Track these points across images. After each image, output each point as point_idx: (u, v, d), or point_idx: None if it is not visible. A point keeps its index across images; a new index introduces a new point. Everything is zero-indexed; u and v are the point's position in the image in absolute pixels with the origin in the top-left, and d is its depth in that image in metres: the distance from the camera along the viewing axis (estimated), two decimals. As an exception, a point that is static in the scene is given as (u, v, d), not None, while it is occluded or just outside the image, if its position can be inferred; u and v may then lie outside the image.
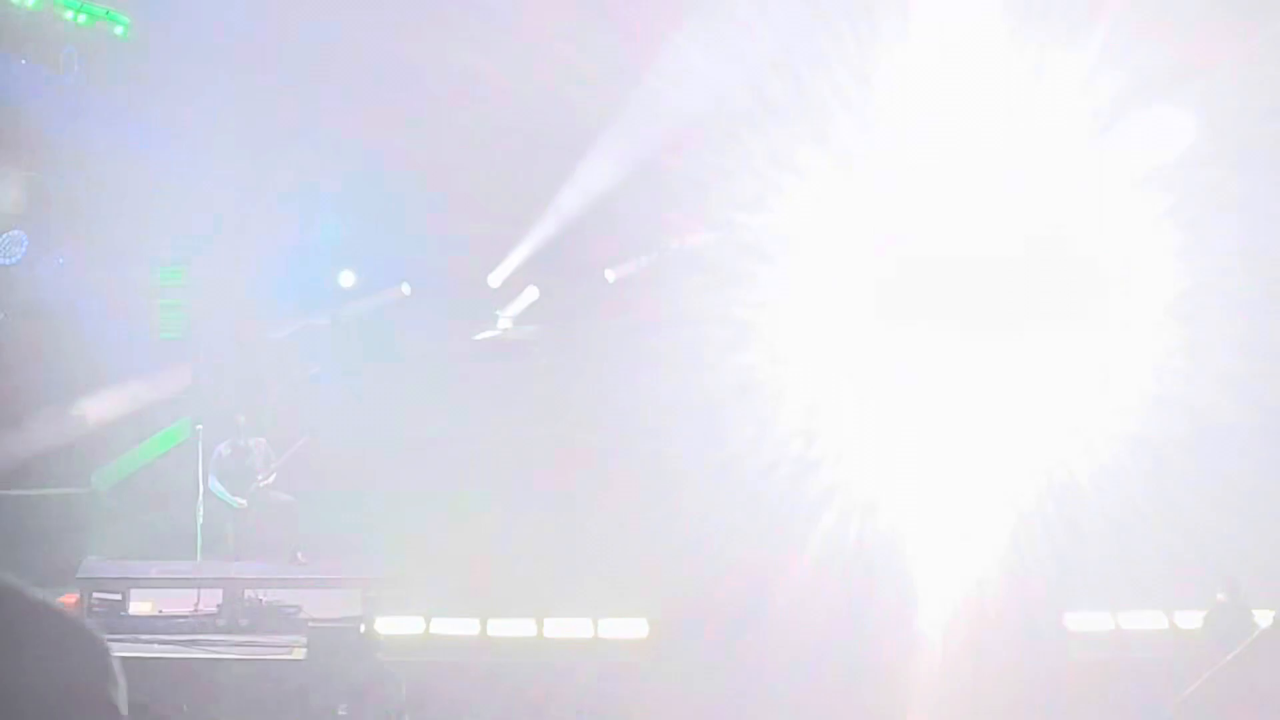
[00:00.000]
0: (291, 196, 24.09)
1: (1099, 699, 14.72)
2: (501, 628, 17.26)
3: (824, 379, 21.21)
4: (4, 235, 19.14)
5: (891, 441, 21.09)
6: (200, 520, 18.69)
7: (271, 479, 18.72)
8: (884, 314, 20.32)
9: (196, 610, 18.10)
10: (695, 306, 21.27)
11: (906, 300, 20.20)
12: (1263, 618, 16.22)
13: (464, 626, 17.28)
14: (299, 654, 17.09)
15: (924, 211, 19.84)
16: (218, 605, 18.07)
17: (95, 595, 17.96)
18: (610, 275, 23.78)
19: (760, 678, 15.24)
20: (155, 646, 17.37)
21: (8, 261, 19.39)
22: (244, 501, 18.63)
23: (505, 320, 23.59)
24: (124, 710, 1.61)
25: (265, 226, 23.81)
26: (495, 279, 23.79)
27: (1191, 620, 16.45)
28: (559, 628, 17.31)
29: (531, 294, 23.91)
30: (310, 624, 17.43)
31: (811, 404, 20.67)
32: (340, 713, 14.34)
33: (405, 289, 23.87)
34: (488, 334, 23.76)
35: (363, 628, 16.62)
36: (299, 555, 18.59)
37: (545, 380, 22.92)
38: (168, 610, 18.09)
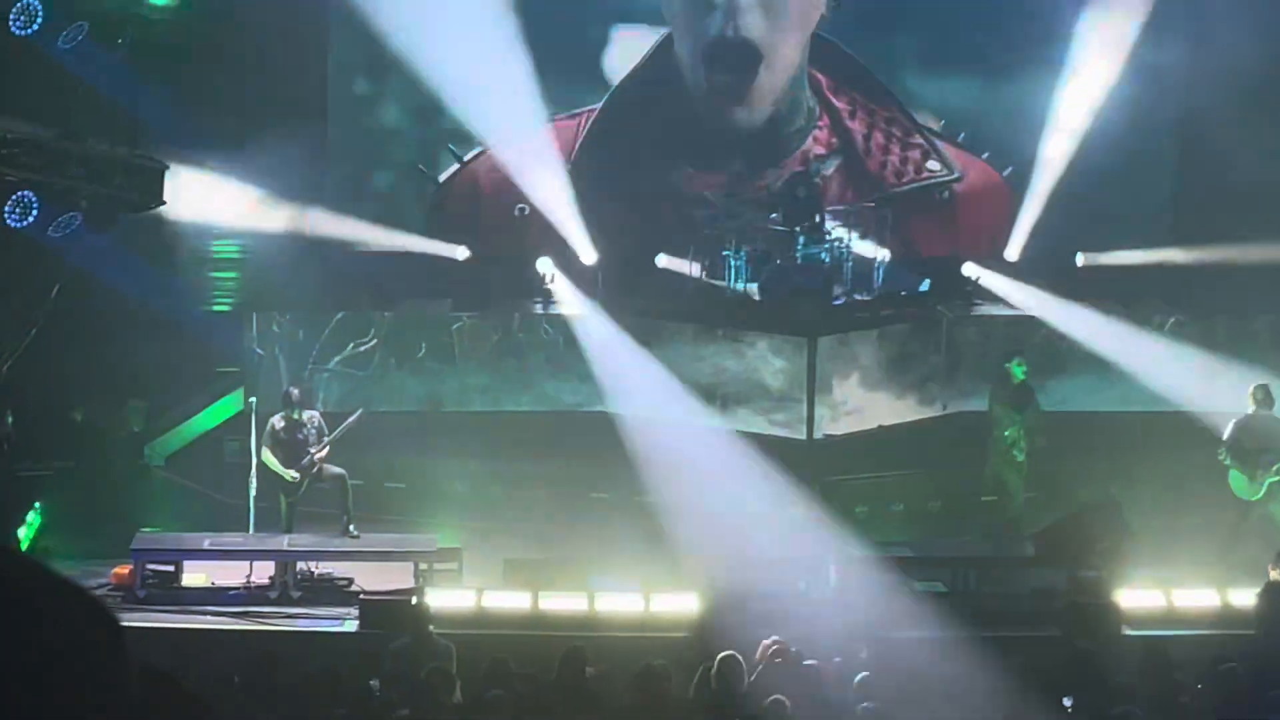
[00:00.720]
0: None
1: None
2: (553, 601, 17.27)
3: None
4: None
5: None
6: (253, 493, 18.75)
7: (324, 452, 18.75)
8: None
9: (249, 582, 18.16)
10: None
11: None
12: None
13: (515, 600, 17.29)
14: (350, 626, 17.15)
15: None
16: (270, 577, 18.14)
17: (148, 567, 18.05)
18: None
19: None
20: (208, 618, 17.45)
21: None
22: (296, 475, 18.67)
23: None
24: (133, 686, 1.58)
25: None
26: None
27: (1245, 598, 16.34)
28: (610, 602, 17.30)
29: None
30: (362, 597, 17.49)
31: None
32: (374, 684, 14.35)
33: (461, 253, 23.86)
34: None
35: (414, 600, 16.65)
36: (351, 528, 18.63)
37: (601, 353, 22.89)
38: (220, 582, 18.17)
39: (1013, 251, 24.17)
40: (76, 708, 1.49)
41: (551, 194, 23.80)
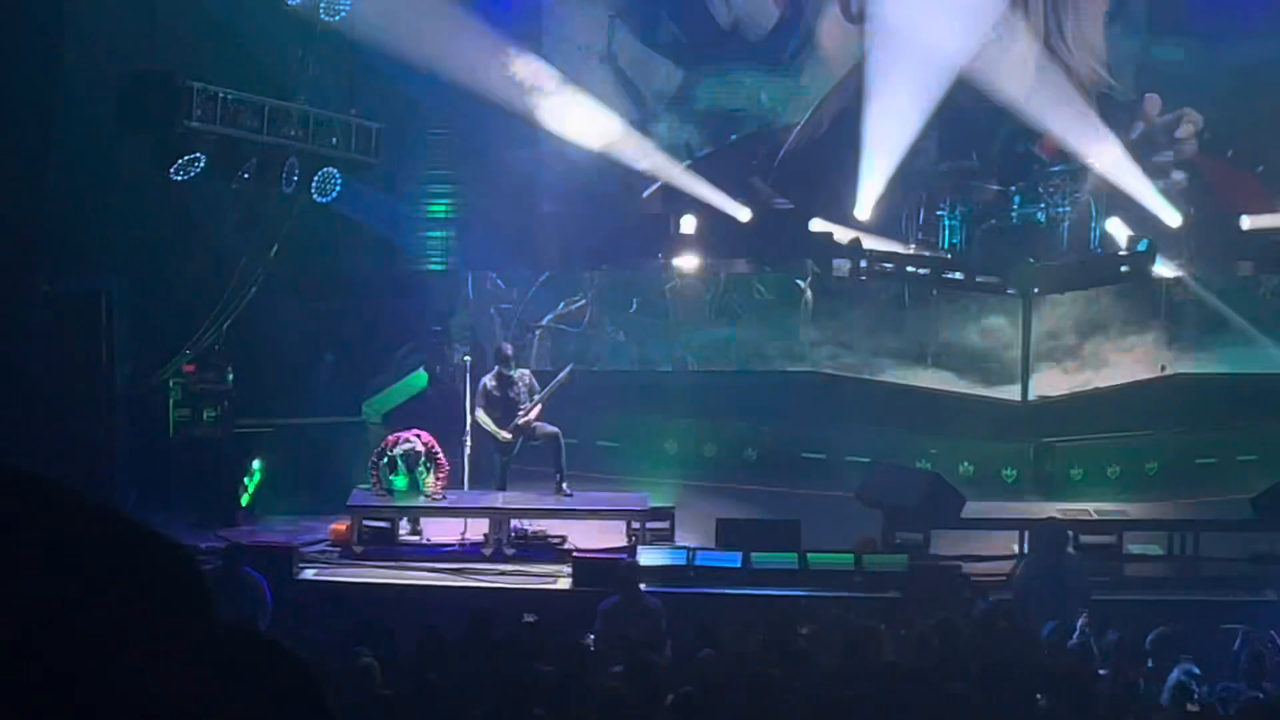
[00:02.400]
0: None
1: None
2: (765, 560, 17.23)
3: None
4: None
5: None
6: (467, 451, 18.90)
7: (535, 409, 18.83)
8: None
9: (463, 539, 18.33)
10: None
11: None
12: None
13: (727, 559, 17.28)
14: (563, 584, 17.25)
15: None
16: (484, 534, 18.29)
17: (365, 523, 18.28)
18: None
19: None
20: (423, 574, 17.64)
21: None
22: (509, 435, 18.78)
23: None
24: (220, 643, 1.55)
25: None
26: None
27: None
28: (822, 561, 17.22)
29: None
30: (575, 555, 17.58)
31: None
32: (588, 640, 14.44)
33: (687, 223, 23.91)
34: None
35: (626, 559, 16.71)
36: (564, 486, 18.72)
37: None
38: (435, 539, 18.36)
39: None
40: (157, 663, 1.47)
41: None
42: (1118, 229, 22.97)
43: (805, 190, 24.15)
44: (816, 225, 23.63)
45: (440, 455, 18.48)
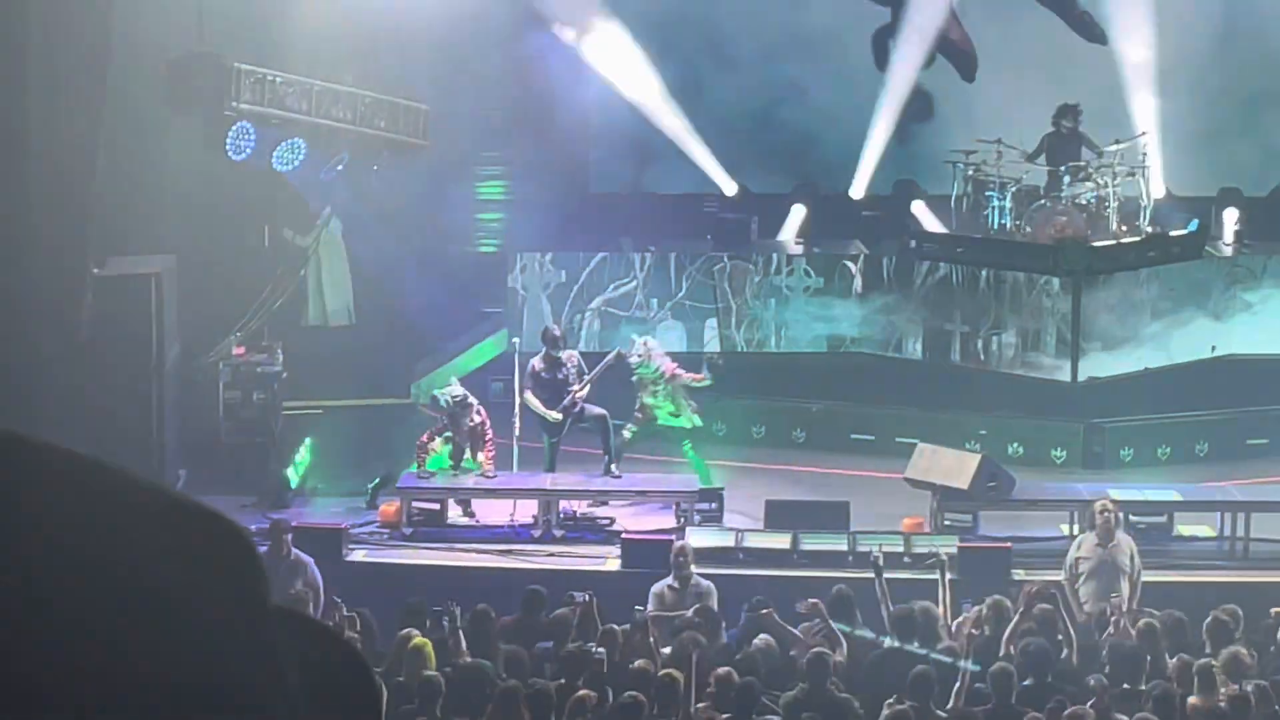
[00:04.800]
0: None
1: None
2: (813, 541, 17.21)
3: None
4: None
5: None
6: (516, 432, 18.92)
7: (584, 390, 18.81)
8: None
9: (512, 521, 18.35)
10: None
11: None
12: None
13: (776, 541, 17.27)
14: (612, 565, 17.26)
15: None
16: (533, 516, 18.30)
17: (414, 504, 18.32)
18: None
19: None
20: (472, 555, 17.67)
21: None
22: (559, 415, 18.77)
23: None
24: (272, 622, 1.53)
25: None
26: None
27: None
28: (872, 542, 17.18)
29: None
30: (623, 536, 17.59)
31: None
32: (638, 610, 14.48)
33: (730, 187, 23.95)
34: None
35: (675, 540, 16.72)
36: (613, 468, 18.72)
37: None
38: (484, 520, 18.38)
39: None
40: (210, 646, 1.47)
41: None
42: (1168, 208, 22.84)
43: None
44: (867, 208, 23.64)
45: (489, 432, 18.49)
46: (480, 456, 18.42)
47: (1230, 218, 23.16)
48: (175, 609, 1.42)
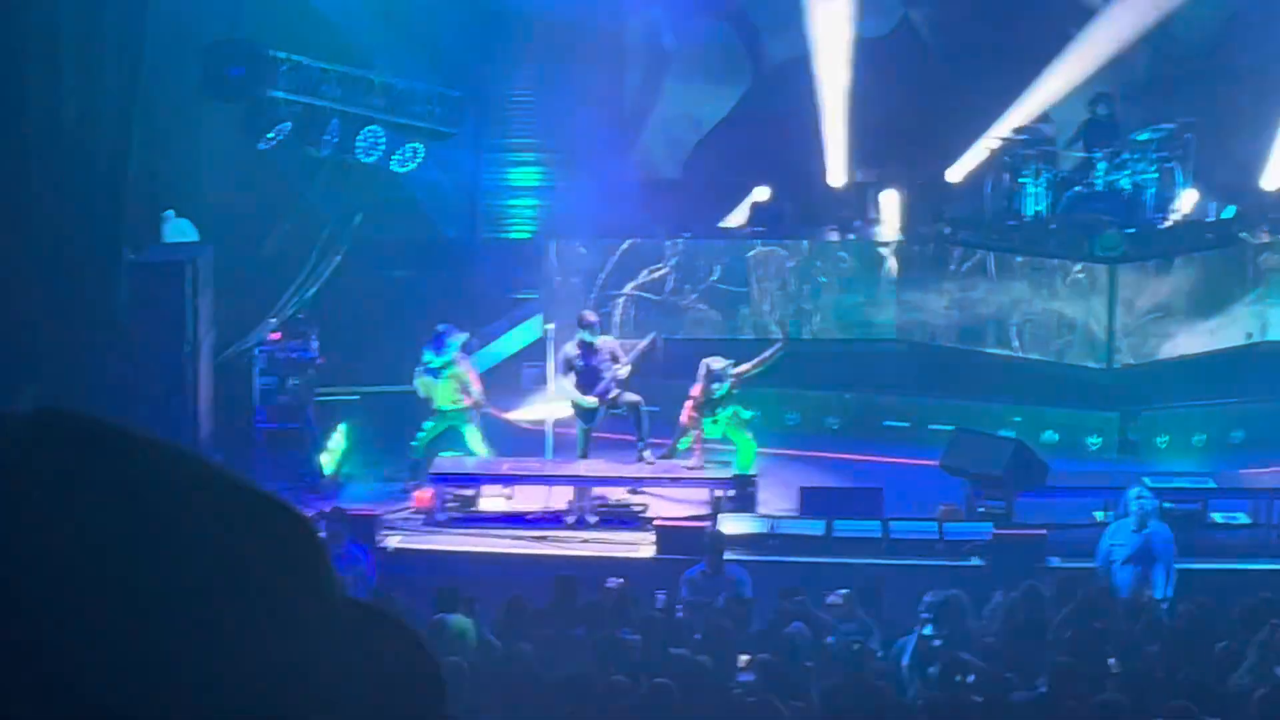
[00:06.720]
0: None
1: None
2: (847, 528, 17.20)
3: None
4: (364, 130, 19.55)
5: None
6: (550, 418, 18.93)
7: (627, 370, 18.76)
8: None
9: (546, 507, 18.36)
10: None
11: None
12: None
13: (809, 527, 17.26)
14: (646, 552, 17.26)
15: None
16: (567, 503, 18.31)
17: (448, 491, 18.34)
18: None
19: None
20: (506, 542, 17.69)
21: (368, 159, 19.81)
22: (594, 401, 18.75)
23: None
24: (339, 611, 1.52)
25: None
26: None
27: None
28: (904, 530, 17.18)
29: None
30: (657, 523, 17.59)
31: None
32: (659, 595, 14.49)
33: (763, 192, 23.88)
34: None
35: (709, 527, 16.71)
36: (646, 454, 18.70)
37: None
38: (518, 507, 18.40)
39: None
40: (276, 629, 1.46)
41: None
42: (1204, 195, 22.75)
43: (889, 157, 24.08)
44: (899, 193, 23.59)
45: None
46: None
47: (1264, 204, 23.05)
48: (246, 601, 1.42)
